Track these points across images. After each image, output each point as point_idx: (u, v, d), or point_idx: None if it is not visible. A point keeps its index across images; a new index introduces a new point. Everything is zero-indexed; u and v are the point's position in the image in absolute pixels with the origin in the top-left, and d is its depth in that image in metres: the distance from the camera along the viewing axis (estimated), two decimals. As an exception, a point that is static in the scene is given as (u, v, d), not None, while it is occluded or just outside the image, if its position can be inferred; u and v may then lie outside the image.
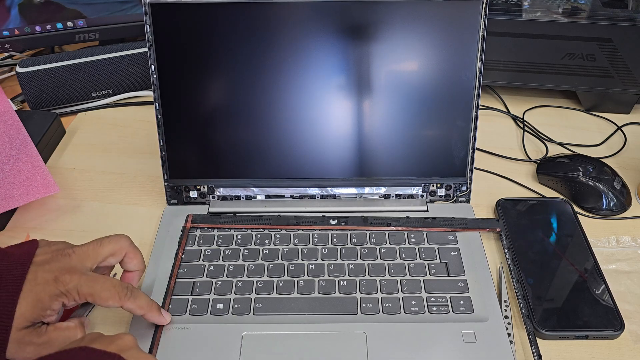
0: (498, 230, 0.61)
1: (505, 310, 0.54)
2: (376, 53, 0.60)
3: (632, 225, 0.64)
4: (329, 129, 0.62)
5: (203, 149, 0.63)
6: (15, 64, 0.93)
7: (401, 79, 0.61)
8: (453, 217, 0.62)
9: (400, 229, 0.61)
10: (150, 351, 0.50)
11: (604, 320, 0.53)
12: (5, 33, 0.79)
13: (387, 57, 0.60)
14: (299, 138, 0.63)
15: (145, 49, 0.82)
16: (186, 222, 0.62)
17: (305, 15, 0.58)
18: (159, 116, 0.62)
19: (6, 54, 0.94)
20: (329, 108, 0.62)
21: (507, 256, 0.60)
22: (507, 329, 0.52)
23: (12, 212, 0.66)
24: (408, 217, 0.62)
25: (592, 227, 0.64)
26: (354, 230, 0.61)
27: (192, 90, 0.61)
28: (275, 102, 0.61)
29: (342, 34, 0.59)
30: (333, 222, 0.62)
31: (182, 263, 0.58)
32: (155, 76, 0.60)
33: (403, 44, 0.60)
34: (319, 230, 0.61)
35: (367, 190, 0.65)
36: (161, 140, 0.63)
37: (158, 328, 0.52)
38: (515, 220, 0.63)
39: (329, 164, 0.64)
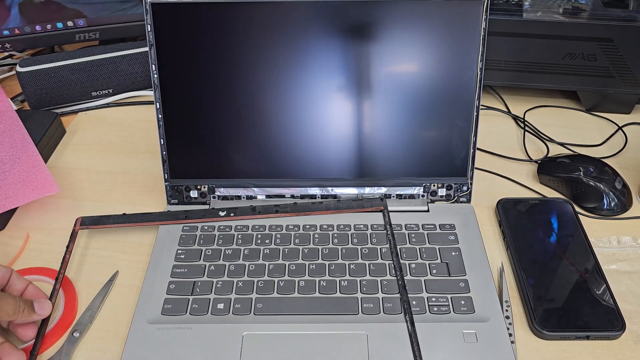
0: (381, 208, 0.62)
1: (507, 310, 0.54)
2: (377, 53, 0.60)
3: (633, 225, 0.64)
4: (329, 129, 0.62)
5: (203, 148, 0.63)
6: (15, 64, 0.93)
7: (402, 79, 0.61)
8: (339, 199, 0.64)
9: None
10: None
11: (605, 320, 0.53)
12: (6, 32, 0.79)
13: (388, 57, 0.60)
14: (299, 138, 0.63)
15: (146, 49, 0.82)
16: (75, 225, 0.62)
17: (306, 15, 0.58)
18: (160, 116, 0.62)
19: (6, 54, 0.94)
20: (329, 108, 0.62)
21: (508, 256, 0.60)
22: (508, 329, 0.52)
23: (12, 211, 0.66)
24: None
25: (593, 227, 0.64)
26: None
27: (193, 90, 0.61)
28: (276, 101, 0.61)
29: (342, 34, 0.59)
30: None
31: (182, 263, 0.58)
32: (155, 76, 0.60)
33: (404, 44, 0.60)
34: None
35: (367, 190, 0.65)
36: (162, 140, 0.62)
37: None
38: (516, 220, 0.63)
39: (330, 163, 0.64)
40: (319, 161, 0.64)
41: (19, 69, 0.77)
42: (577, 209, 0.66)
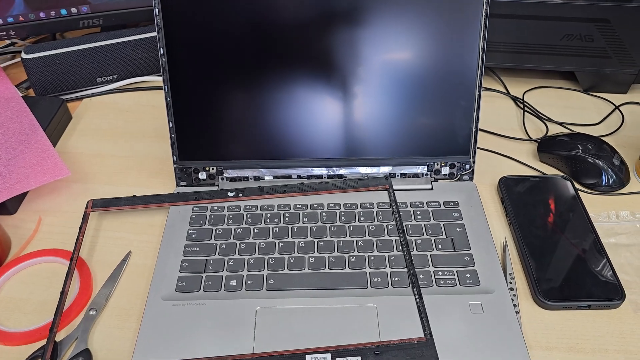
0: (386, 187, 0.64)
1: (510, 282, 0.56)
2: (381, 34, 0.61)
3: (630, 200, 0.66)
4: (335, 111, 0.64)
5: (212, 130, 0.64)
6: (17, 52, 0.93)
7: (406, 60, 0.62)
8: (345, 179, 0.66)
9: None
10: None
11: (605, 290, 0.55)
12: (10, 20, 0.79)
13: (392, 39, 0.61)
14: (306, 119, 0.64)
15: (149, 35, 0.83)
16: (87, 207, 0.64)
17: (312, -3, 0.59)
18: (168, 99, 0.63)
19: (8, 42, 0.94)
20: (335, 90, 0.63)
21: (511, 231, 0.62)
22: (512, 300, 0.54)
23: (23, 196, 0.67)
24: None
25: (592, 202, 0.66)
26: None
27: (201, 73, 0.62)
28: (283, 84, 0.62)
29: (347, 15, 0.60)
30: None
31: (194, 242, 0.59)
32: (164, 59, 0.61)
33: (407, 25, 0.61)
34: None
35: (372, 169, 0.66)
36: (170, 123, 0.63)
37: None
38: (517, 197, 0.65)
39: (336, 144, 0.65)
40: (325, 142, 0.65)
41: (24, 55, 0.77)
42: (577, 185, 0.67)
